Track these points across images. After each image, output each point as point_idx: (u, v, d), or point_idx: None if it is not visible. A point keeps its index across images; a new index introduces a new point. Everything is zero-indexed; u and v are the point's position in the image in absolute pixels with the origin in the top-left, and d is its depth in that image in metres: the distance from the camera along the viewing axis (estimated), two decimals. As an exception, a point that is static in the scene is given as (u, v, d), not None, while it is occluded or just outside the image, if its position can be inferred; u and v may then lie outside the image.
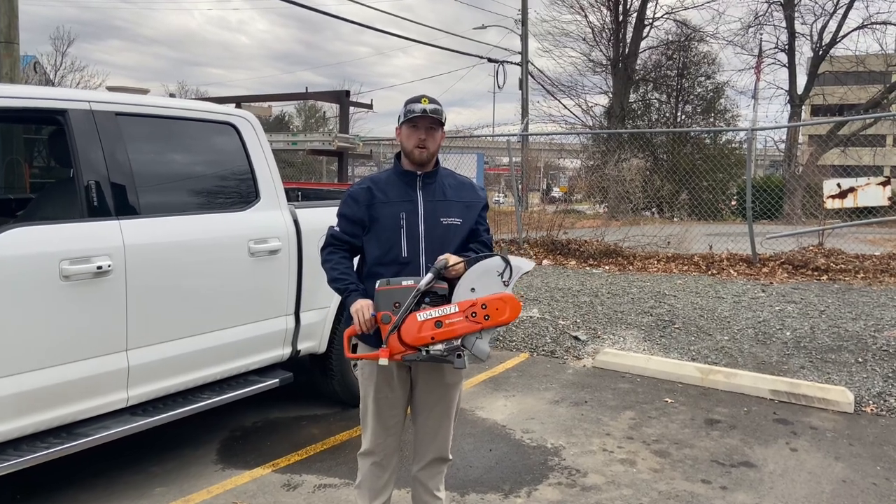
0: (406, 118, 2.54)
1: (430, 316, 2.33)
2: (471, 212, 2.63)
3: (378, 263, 2.53)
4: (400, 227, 2.52)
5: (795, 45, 21.53)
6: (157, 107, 3.58)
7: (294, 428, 4.34)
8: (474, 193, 2.69)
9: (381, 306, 2.38)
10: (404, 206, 2.54)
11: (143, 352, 3.30)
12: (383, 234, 2.53)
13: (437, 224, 2.55)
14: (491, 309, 2.33)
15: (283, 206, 4.05)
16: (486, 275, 2.38)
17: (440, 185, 2.62)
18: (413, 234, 2.52)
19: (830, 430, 4.41)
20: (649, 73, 26.81)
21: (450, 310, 2.33)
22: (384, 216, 2.54)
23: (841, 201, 7.88)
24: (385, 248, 2.53)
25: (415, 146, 2.54)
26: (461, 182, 2.70)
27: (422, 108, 2.52)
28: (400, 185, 2.58)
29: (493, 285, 2.37)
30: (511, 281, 2.39)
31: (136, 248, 3.23)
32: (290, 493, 3.47)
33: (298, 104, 39.57)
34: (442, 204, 2.58)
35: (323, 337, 4.31)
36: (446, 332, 2.31)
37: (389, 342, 2.34)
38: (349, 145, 8.67)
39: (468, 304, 2.33)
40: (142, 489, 3.43)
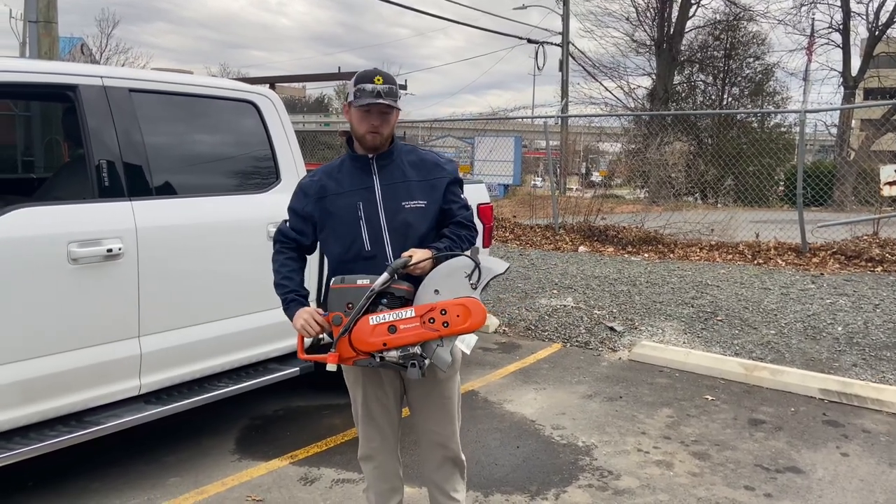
0: (357, 101, 2.23)
1: (384, 320, 2.12)
2: (436, 191, 2.35)
3: (341, 261, 2.29)
4: (359, 219, 2.27)
5: (850, 24, 20.54)
6: (173, 83, 3.43)
7: (315, 417, 4.21)
8: (439, 169, 2.40)
9: (333, 306, 2.19)
10: (360, 195, 2.29)
11: (157, 338, 3.18)
12: (341, 228, 2.29)
13: (399, 209, 2.29)
14: (451, 315, 2.11)
15: (304, 189, 3.88)
16: (451, 276, 2.17)
17: (399, 164, 2.35)
18: (374, 225, 2.27)
19: (885, 434, 4.10)
20: (695, 54, 25.98)
21: (405, 314, 2.13)
22: (340, 208, 2.29)
23: (900, 188, 7.42)
24: (346, 244, 2.28)
25: (367, 131, 2.27)
26: (423, 158, 2.41)
27: (374, 90, 2.21)
28: (354, 172, 2.33)
29: (459, 288, 2.15)
30: (480, 284, 2.16)
31: (148, 231, 3.10)
32: (307, 487, 3.34)
33: (337, 86, 39.63)
34: (402, 186, 2.31)
35: (346, 324, 4.15)
36: (399, 338, 2.11)
37: (339, 346, 2.16)
38: (382, 127, 8.47)
39: (426, 308, 2.12)
40: (155, 479, 3.34)
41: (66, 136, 3.38)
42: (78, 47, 33.53)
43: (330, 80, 22.93)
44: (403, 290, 2.18)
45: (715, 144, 17.99)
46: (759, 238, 8.87)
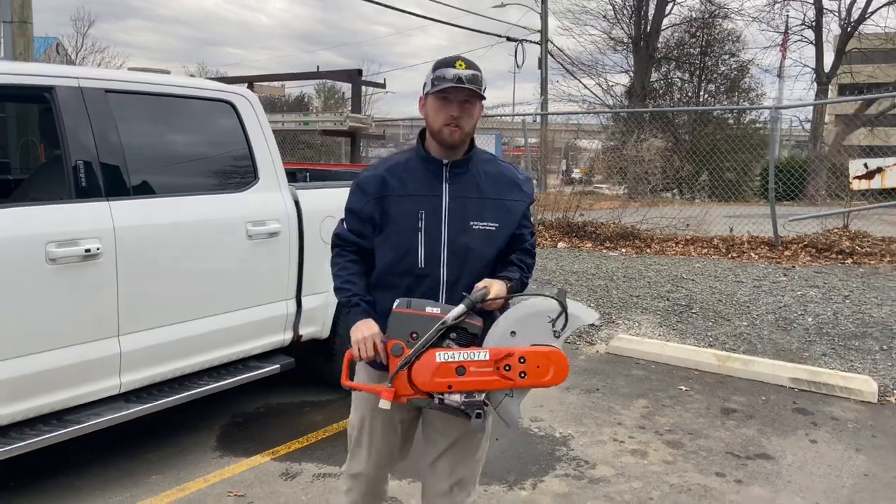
0: (435, 88, 1.96)
1: (453, 359, 1.86)
2: (511, 215, 2.07)
3: (389, 273, 2.04)
4: (418, 230, 1.99)
5: (823, 21, 20.88)
6: (149, 83, 3.45)
7: (296, 414, 4.25)
8: (517, 190, 2.10)
9: (394, 333, 1.92)
10: (425, 203, 2.01)
11: (136, 337, 3.20)
12: (396, 236, 2.02)
13: (466, 229, 2.01)
14: (530, 365, 1.86)
15: (283, 187, 3.93)
16: (533, 319, 1.91)
17: (474, 175, 2.06)
18: (433, 240, 2.00)
19: (852, 421, 4.23)
20: (672, 52, 26.26)
21: (479, 356, 1.86)
22: (399, 213, 2.02)
23: (868, 182, 7.59)
24: (398, 255, 2.02)
25: (444, 124, 1.97)
26: (502, 172, 2.10)
27: (455, 75, 1.93)
28: (422, 174, 2.04)
29: (539, 334, 1.90)
30: (564, 333, 1.91)
31: (126, 231, 3.12)
32: (288, 482, 3.38)
33: (317, 85, 39.43)
34: (474, 202, 2.03)
35: (326, 322, 4.20)
36: (467, 382, 1.87)
37: (396, 381, 1.89)
38: (361, 125, 8.52)
39: (503, 353, 1.87)
40: (136, 476, 3.36)
41: (42, 137, 3.38)
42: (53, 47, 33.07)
43: (309, 79, 22.83)
44: (477, 326, 1.92)
45: (692, 141, 18.21)
46: (733, 232, 9.03)
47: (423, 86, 2.04)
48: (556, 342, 1.91)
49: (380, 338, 1.95)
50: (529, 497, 3.28)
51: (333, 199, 4.16)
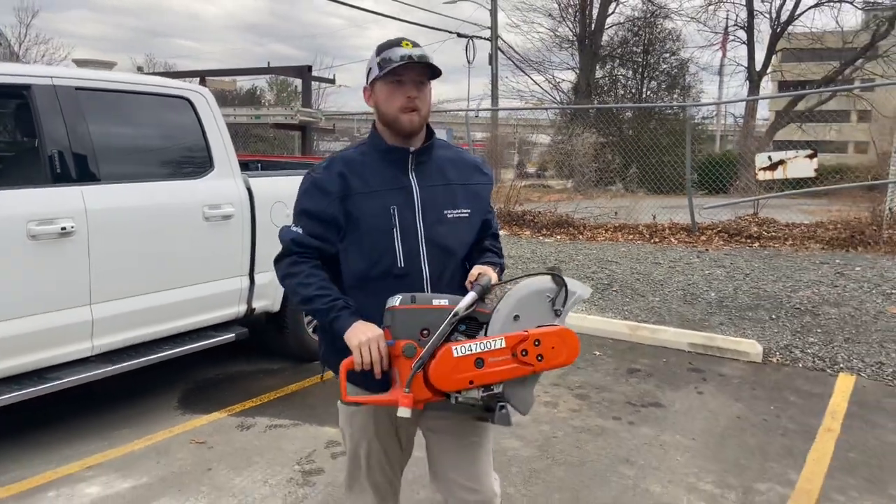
0: (384, 70, 1.79)
1: (470, 351, 1.69)
2: (481, 199, 1.98)
3: (363, 278, 1.84)
4: (392, 227, 1.83)
5: (754, 22, 22.05)
6: (115, 82, 3.89)
7: (251, 380, 4.73)
8: (480, 173, 2.01)
9: (402, 332, 1.72)
10: (395, 197, 1.85)
11: (106, 306, 3.65)
12: (369, 237, 1.83)
13: (441, 219, 1.88)
14: (546, 347, 1.73)
15: (236, 175, 4.39)
16: (533, 299, 1.78)
17: (437, 162, 1.92)
18: (410, 236, 1.84)
19: (737, 377, 4.91)
20: (615, 50, 27.19)
21: (495, 344, 1.71)
22: (368, 213, 1.83)
23: (772, 173, 8.39)
24: (373, 258, 1.83)
25: (401, 109, 1.81)
26: (462, 157, 2.01)
27: (405, 54, 1.77)
28: (384, 167, 1.87)
29: (542, 314, 1.78)
30: (565, 310, 1.80)
31: (97, 212, 3.56)
32: (243, 432, 3.87)
33: (269, 78, 39.34)
34: (443, 190, 1.90)
35: (277, 297, 4.68)
36: (489, 374, 1.70)
37: (414, 384, 1.70)
38: (311, 119, 8.96)
39: (518, 338, 1.72)
40: (108, 431, 3.81)
41: (22, 131, 3.78)
42: (-7, 38, 32.25)
43: (259, 74, 22.97)
44: (487, 314, 1.78)
45: (634, 136, 19.09)
46: (656, 220, 9.80)
47: (367, 73, 1.86)
48: (558, 321, 1.79)
49: (383, 340, 1.74)
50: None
51: (282, 186, 4.68)
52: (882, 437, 3.89)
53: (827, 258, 7.60)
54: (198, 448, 3.65)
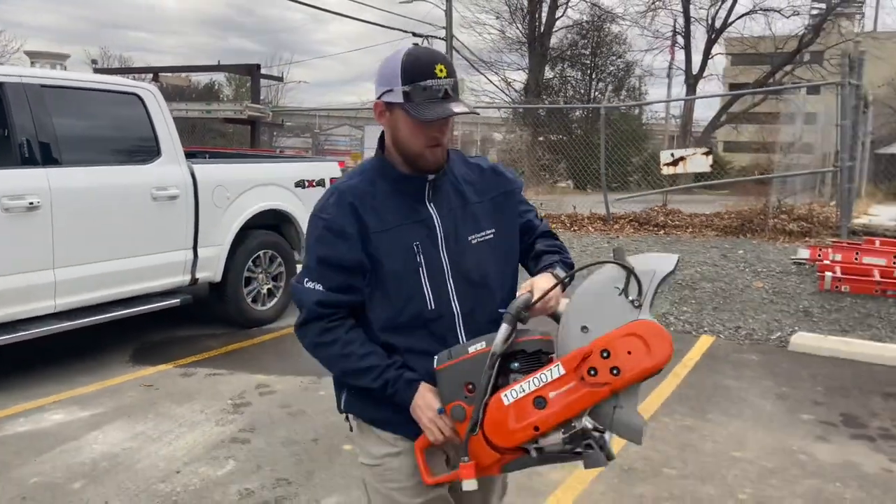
0: (416, 110, 1.51)
1: (523, 392, 1.44)
2: (506, 210, 1.73)
3: (390, 329, 1.60)
4: (418, 267, 1.59)
5: (691, 29, 23.33)
6: (76, 80, 4.56)
7: (195, 341, 5.41)
8: (501, 179, 1.75)
9: (447, 394, 1.53)
10: (416, 232, 1.61)
11: (68, 270, 4.31)
12: (393, 282, 1.59)
13: (466, 247, 1.64)
14: (619, 355, 1.39)
15: (181, 162, 5.07)
16: (599, 299, 1.45)
17: (452, 181, 1.68)
18: (436, 273, 1.61)
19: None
20: (564, 52, 28.21)
21: (551, 374, 1.43)
22: (389, 254, 1.59)
23: (674, 168, 9.35)
24: (399, 305, 1.60)
25: (426, 146, 1.57)
26: (477, 166, 1.75)
27: (439, 89, 1.52)
28: (399, 199, 1.62)
29: (616, 313, 1.42)
30: (646, 297, 1.42)
31: (59, 190, 4.23)
32: (186, 378, 4.57)
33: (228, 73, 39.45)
34: (463, 213, 1.66)
35: (218, 268, 5.37)
36: (555, 413, 1.43)
37: (472, 449, 1.49)
38: (260, 115, 9.59)
39: (578, 357, 1.41)
40: (69, 377, 4.47)
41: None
42: (-59, 29, 31.81)
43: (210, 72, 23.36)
44: (537, 340, 1.51)
45: (584, 135, 20.10)
46: (576, 210, 10.71)
47: (382, 87, 1.56)
48: (642, 314, 1.41)
49: (436, 401, 1.55)
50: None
51: (223, 172, 5.39)
52: (718, 381, 4.77)
53: (718, 243, 8.58)
54: (146, 390, 4.34)
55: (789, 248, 8.09)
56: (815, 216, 9.01)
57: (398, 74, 1.52)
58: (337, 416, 3.95)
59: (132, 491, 3.10)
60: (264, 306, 5.85)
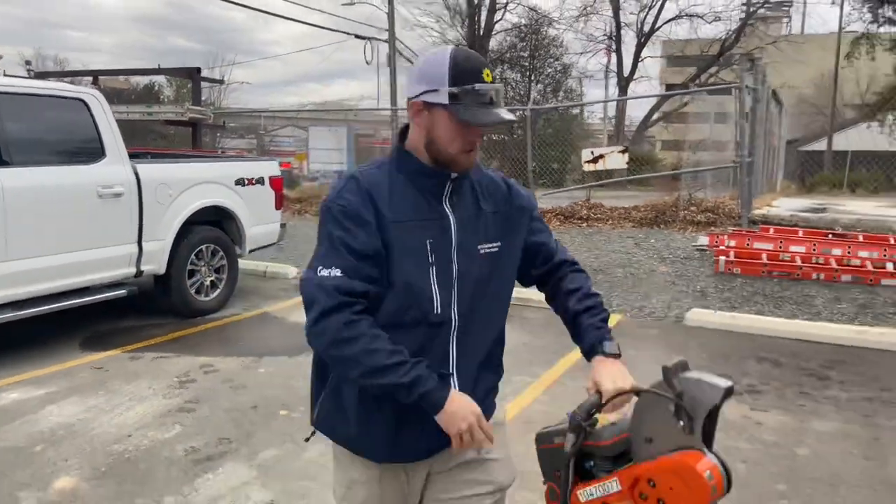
0: (463, 112, 1.47)
1: (591, 496, 1.47)
2: (513, 228, 1.66)
3: (391, 325, 1.51)
4: (429, 266, 1.53)
5: (621, 34, 24.44)
6: (25, 87, 4.91)
7: (141, 330, 5.77)
8: (516, 195, 1.69)
9: (546, 473, 1.55)
10: (429, 229, 1.54)
11: (20, 262, 4.65)
12: (401, 277, 1.52)
13: (475, 256, 1.58)
14: (663, 489, 1.34)
15: (125, 162, 5.44)
16: (656, 413, 1.39)
17: (470, 185, 1.63)
18: (446, 276, 1.55)
19: (536, 319, 6.35)
20: (504, 54, 28.99)
21: (612, 487, 1.44)
22: (401, 247, 1.52)
23: (594, 165, 10.07)
24: (405, 303, 1.52)
25: (462, 151, 1.53)
26: (491, 178, 1.69)
27: (486, 94, 1.48)
28: (416, 193, 1.56)
29: (671, 433, 1.36)
30: (696, 425, 1.34)
31: (10, 189, 4.56)
32: (134, 361, 4.95)
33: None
34: (477, 220, 1.60)
35: (162, 261, 5.74)
36: None
37: None
38: (201, 116, 9.88)
39: (632, 477, 1.40)
40: (21, 363, 4.79)
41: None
42: None
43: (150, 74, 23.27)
44: (608, 445, 1.47)
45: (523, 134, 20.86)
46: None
47: (423, 86, 1.50)
48: (691, 440, 1.36)
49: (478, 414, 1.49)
50: (304, 361, 5.05)
51: (164, 171, 5.77)
52: (619, 350, 5.40)
53: (633, 234, 9.32)
54: (96, 371, 4.71)
55: (695, 236, 8.89)
56: (720, 208, 9.85)
57: (445, 75, 1.47)
58: (274, 389, 4.44)
59: (88, 451, 3.51)
60: (207, 297, 6.24)
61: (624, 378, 1.53)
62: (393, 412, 1.55)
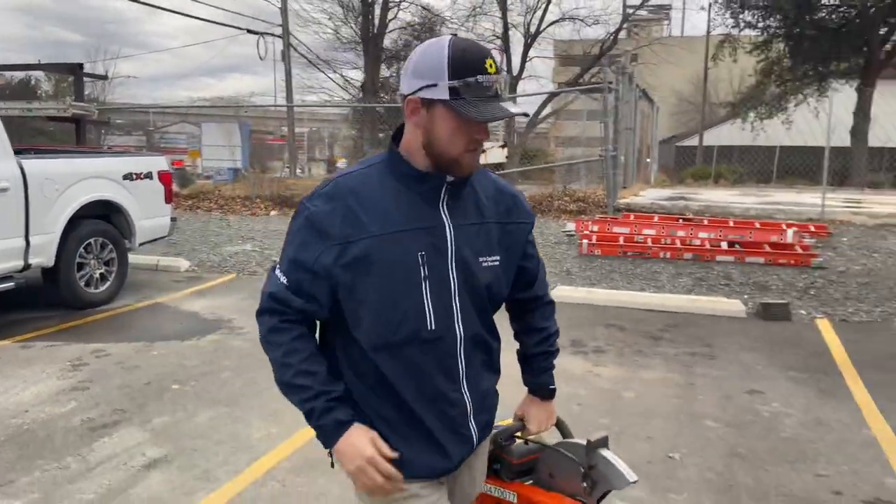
0: (465, 108, 1.34)
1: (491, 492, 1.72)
2: (513, 241, 1.56)
3: (382, 349, 1.43)
4: (420, 280, 1.41)
5: (510, 34, 25.49)
6: None
7: (31, 321, 5.88)
8: (520, 208, 1.59)
9: None
10: (422, 239, 1.42)
11: None
12: (388, 293, 1.40)
13: (476, 269, 1.48)
14: None
15: (9, 158, 5.54)
16: (566, 466, 1.62)
17: (472, 192, 1.50)
18: (443, 289, 1.44)
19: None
20: (399, 52, 29.48)
21: (508, 496, 1.66)
22: (387, 261, 1.39)
23: (475, 159, 10.75)
24: (394, 320, 1.41)
25: (465, 150, 1.39)
26: (498, 186, 1.58)
27: (490, 86, 1.36)
28: (408, 200, 1.43)
29: (571, 481, 1.61)
30: (595, 493, 1.57)
31: None
32: (26, 350, 5.11)
33: (47, 70, 36.79)
34: (479, 230, 1.49)
35: (50, 254, 5.87)
36: None
37: None
38: (85, 113, 9.78)
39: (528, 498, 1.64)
40: None
41: None
42: None
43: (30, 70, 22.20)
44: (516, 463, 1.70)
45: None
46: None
47: (420, 81, 1.37)
48: (587, 499, 1.57)
49: (385, 449, 1.43)
50: (196, 343, 5.37)
51: (51, 166, 5.91)
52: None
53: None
54: (-13, 360, 4.86)
55: (565, 223, 9.74)
56: (590, 198, 10.79)
57: (444, 68, 1.33)
58: (167, 368, 4.77)
59: (-15, 427, 3.74)
60: (97, 289, 6.40)
61: (549, 419, 1.74)
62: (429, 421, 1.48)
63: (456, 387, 1.49)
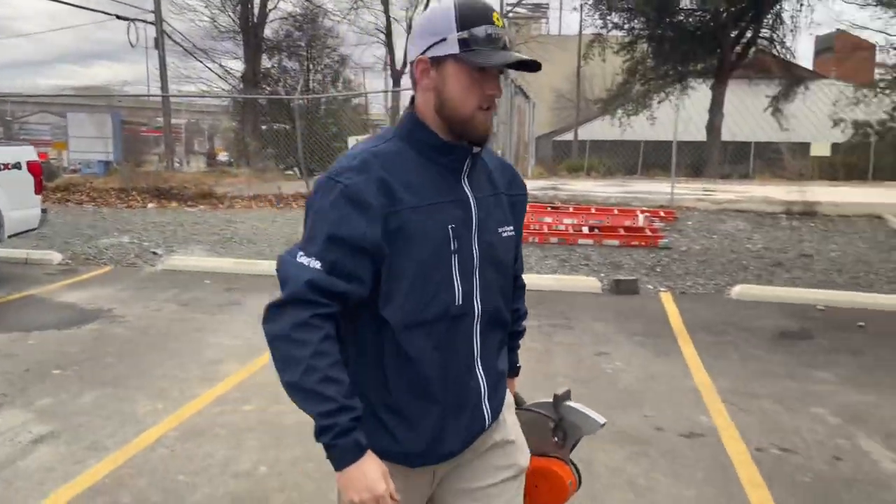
0: (474, 56, 1.32)
1: None
2: (518, 214, 1.57)
3: (413, 326, 1.37)
4: (451, 254, 1.38)
5: (392, 28, 25.88)
6: None
7: None
8: (518, 182, 1.60)
9: None
10: (451, 212, 1.39)
11: None
12: (421, 269, 1.36)
13: (497, 240, 1.47)
14: (528, 484, 1.58)
15: None
16: (535, 426, 1.66)
17: (485, 164, 1.51)
18: (467, 263, 1.41)
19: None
20: (280, 42, 29.05)
21: None
22: (422, 234, 1.35)
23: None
24: (426, 297, 1.37)
25: (478, 107, 1.36)
26: (500, 160, 1.60)
27: (499, 38, 1.34)
28: (434, 172, 1.39)
29: (543, 442, 1.65)
30: (568, 443, 1.65)
31: None
32: None
33: None
34: (495, 201, 1.49)
35: None
36: None
37: None
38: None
39: None
40: None
41: None
42: None
43: None
44: None
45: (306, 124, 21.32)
46: (281, 190, 12.03)
47: (430, 38, 1.36)
48: (561, 452, 1.64)
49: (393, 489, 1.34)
50: (76, 332, 5.36)
51: None
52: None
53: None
54: None
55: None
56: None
57: (452, 20, 1.32)
58: (47, 355, 4.78)
59: None
60: (-36, 282, 6.19)
61: (512, 394, 1.69)
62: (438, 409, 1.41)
63: (471, 366, 1.44)
